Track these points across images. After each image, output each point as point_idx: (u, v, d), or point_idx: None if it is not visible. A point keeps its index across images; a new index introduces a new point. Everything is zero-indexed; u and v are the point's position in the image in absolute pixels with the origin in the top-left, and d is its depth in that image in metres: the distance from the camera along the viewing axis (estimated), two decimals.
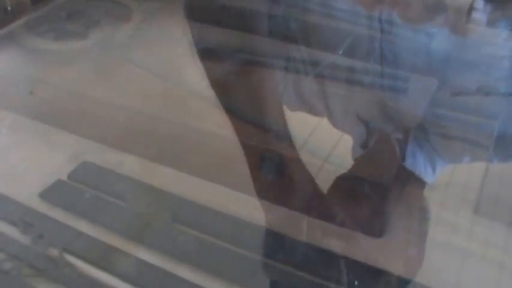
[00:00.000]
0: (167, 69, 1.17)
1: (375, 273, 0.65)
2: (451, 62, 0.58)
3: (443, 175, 0.70)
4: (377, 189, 0.66)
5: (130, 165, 0.91)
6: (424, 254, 0.69)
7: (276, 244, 0.75)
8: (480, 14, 0.44)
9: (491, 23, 0.48)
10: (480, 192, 0.82)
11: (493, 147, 0.61)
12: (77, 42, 1.31)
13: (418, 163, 0.66)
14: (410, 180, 0.67)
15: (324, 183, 0.70)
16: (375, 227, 0.66)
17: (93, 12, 1.39)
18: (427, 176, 0.67)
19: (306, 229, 0.72)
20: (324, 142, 0.92)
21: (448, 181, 0.81)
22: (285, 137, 0.66)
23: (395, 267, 0.66)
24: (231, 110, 0.67)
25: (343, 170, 0.73)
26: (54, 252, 0.77)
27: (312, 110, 0.73)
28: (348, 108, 0.69)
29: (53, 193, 0.88)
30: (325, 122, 0.75)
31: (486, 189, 0.81)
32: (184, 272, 0.75)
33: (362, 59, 0.61)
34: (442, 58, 0.58)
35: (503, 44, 0.55)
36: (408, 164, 0.66)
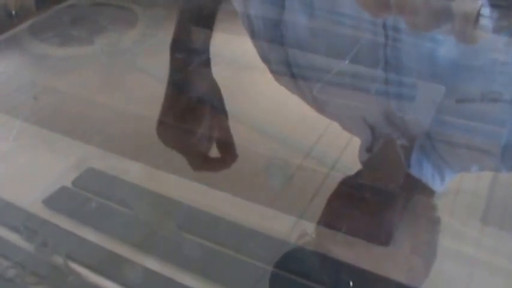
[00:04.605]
0: None
1: (380, 282, 0.64)
2: (455, 68, 0.58)
3: (452, 182, 0.69)
4: (382, 195, 0.66)
5: (135, 172, 0.91)
6: (432, 264, 0.68)
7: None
8: (487, 21, 0.43)
9: (497, 30, 0.48)
10: (488, 200, 0.81)
11: (501, 156, 0.60)
12: (82, 47, 1.31)
13: (425, 171, 0.66)
14: (418, 189, 0.67)
15: (331, 191, 0.69)
16: (381, 235, 0.65)
17: (98, 17, 1.39)
18: (435, 184, 0.67)
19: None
20: (331, 149, 0.91)
21: (457, 189, 0.80)
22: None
23: (401, 276, 0.65)
24: None
25: None
26: (58, 259, 0.76)
27: (323, 114, 0.73)
28: (355, 113, 0.69)
29: (57, 200, 0.88)
30: (331, 128, 0.75)
31: (494, 198, 0.80)
32: (189, 280, 0.74)
33: (366, 65, 0.61)
34: (447, 65, 0.58)
35: (506, 50, 0.55)
36: (414, 171, 0.65)
